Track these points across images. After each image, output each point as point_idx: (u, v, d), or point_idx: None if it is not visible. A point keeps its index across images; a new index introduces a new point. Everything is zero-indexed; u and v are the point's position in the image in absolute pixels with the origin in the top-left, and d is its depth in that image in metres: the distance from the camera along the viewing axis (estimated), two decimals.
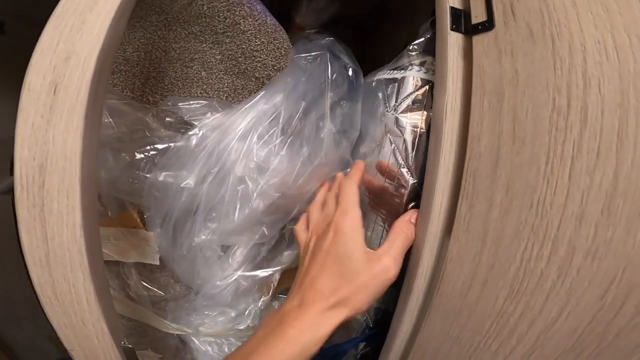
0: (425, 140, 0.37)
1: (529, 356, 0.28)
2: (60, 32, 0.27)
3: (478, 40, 0.28)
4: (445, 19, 0.30)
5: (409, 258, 0.36)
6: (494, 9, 0.26)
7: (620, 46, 0.21)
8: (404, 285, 0.35)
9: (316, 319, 0.26)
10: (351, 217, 0.29)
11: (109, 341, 0.34)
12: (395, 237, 0.30)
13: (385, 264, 0.28)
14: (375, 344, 0.48)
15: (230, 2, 0.42)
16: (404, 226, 0.30)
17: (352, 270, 0.28)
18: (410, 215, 0.31)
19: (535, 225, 0.24)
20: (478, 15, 0.28)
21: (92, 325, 0.34)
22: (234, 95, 0.47)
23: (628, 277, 0.22)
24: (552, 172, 0.23)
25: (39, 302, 0.32)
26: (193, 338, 0.49)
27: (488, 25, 0.27)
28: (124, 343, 0.37)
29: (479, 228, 0.27)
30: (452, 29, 0.29)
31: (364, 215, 0.33)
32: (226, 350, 0.51)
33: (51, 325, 0.35)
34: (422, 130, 0.37)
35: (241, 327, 0.47)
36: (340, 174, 0.36)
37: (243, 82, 0.47)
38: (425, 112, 0.36)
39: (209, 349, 0.49)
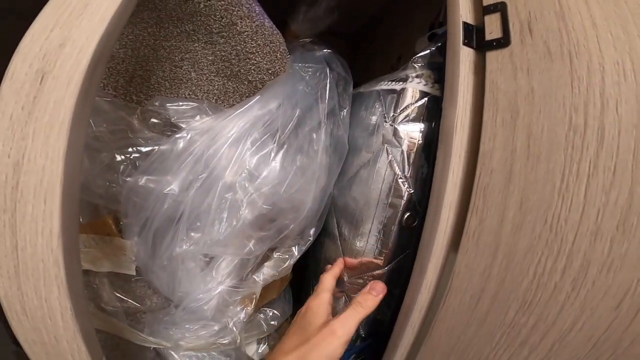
0: (422, 152, 0.37)
1: None
2: (58, 17, 0.24)
3: (492, 56, 0.28)
4: (457, 34, 0.30)
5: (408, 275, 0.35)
6: (510, 26, 0.26)
7: (638, 68, 0.21)
8: (405, 298, 0.34)
9: None
10: (319, 298, 0.36)
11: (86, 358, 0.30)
12: (352, 306, 0.35)
13: (332, 327, 0.33)
14: (369, 356, 0.46)
15: (229, 1, 0.40)
16: (362, 297, 0.35)
17: (309, 333, 0.34)
18: (371, 287, 0.36)
19: (550, 240, 0.24)
20: (493, 31, 0.28)
21: (66, 342, 0.29)
22: (224, 98, 0.44)
23: None
24: (567, 189, 0.23)
25: (4, 316, 0.27)
26: (172, 352, 0.45)
27: (504, 41, 0.27)
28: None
29: (490, 242, 0.27)
30: (464, 44, 0.29)
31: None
32: None
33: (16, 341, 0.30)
34: (419, 142, 0.37)
35: (225, 342, 0.43)
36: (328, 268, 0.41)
37: (235, 85, 0.44)
38: (422, 124, 0.36)
39: None
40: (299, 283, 0.55)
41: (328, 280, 0.38)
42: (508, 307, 0.27)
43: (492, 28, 0.28)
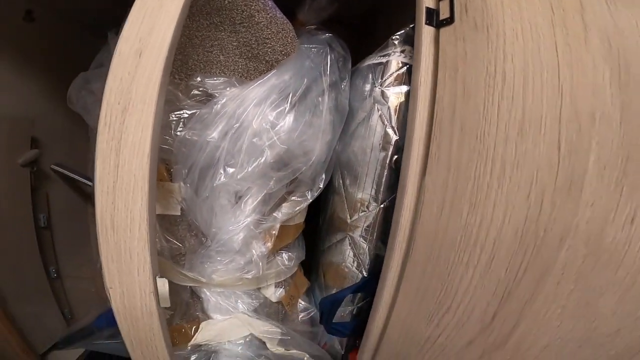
0: (404, 107, 0.52)
1: (491, 262, 0.40)
2: (144, 13, 0.40)
3: (443, 31, 0.44)
4: (421, 16, 0.45)
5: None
6: (455, 8, 0.42)
7: (525, 32, 0.36)
8: (392, 221, 0.50)
9: None
10: None
11: (148, 273, 0.44)
12: None
13: None
14: (370, 295, 0.61)
15: None
16: None
17: None
18: None
19: (480, 150, 0.39)
20: (444, 13, 0.44)
21: (137, 255, 0.44)
22: (247, 75, 0.61)
23: (540, 178, 0.36)
24: (487, 113, 0.38)
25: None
26: (204, 289, 0.61)
27: (450, 20, 0.43)
28: (160, 276, 0.48)
29: (445, 159, 0.42)
30: (426, 24, 0.45)
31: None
32: (233, 300, 0.62)
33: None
34: (401, 99, 0.52)
35: (249, 276, 0.59)
36: None
37: (255, 65, 0.61)
38: (404, 86, 0.52)
39: (218, 299, 0.61)
40: (312, 240, 0.70)
41: None
42: (461, 210, 0.42)
43: (444, 10, 0.44)
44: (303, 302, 0.71)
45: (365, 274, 0.62)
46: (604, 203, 0.31)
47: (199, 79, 0.54)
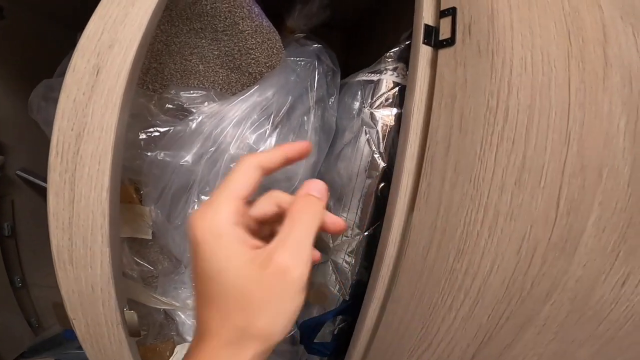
0: (394, 132, 0.49)
1: (474, 307, 0.38)
2: (105, 22, 0.36)
3: (442, 53, 0.39)
4: (419, 34, 0.41)
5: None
6: (457, 28, 0.38)
7: (535, 62, 0.32)
8: (377, 254, 0.46)
9: None
10: (209, 219, 0.22)
11: (113, 306, 0.40)
12: (292, 223, 0.23)
13: (278, 265, 0.21)
14: (351, 317, 0.58)
15: (232, 4, 0.52)
16: (301, 205, 0.23)
17: (231, 287, 0.21)
18: (308, 187, 0.24)
19: (473, 195, 0.35)
20: (444, 32, 0.39)
21: (100, 290, 0.40)
22: (227, 87, 0.57)
23: (534, 233, 0.33)
24: (484, 155, 0.34)
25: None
26: (179, 312, 0.57)
27: (451, 41, 0.38)
28: (126, 309, 0.45)
29: (435, 200, 0.38)
30: (424, 43, 0.41)
31: None
32: None
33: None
34: (391, 123, 0.49)
35: None
36: None
37: (237, 76, 0.56)
38: (394, 109, 0.48)
39: (194, 322, 0.58)
40: None
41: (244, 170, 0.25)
42: (448, 255, 0.38)
43: (445, 30, 0.40)
44: None
45: (347, 297, 0.59)
46: (597, 265, 0.29)
47: (173, 91, 0.49)
